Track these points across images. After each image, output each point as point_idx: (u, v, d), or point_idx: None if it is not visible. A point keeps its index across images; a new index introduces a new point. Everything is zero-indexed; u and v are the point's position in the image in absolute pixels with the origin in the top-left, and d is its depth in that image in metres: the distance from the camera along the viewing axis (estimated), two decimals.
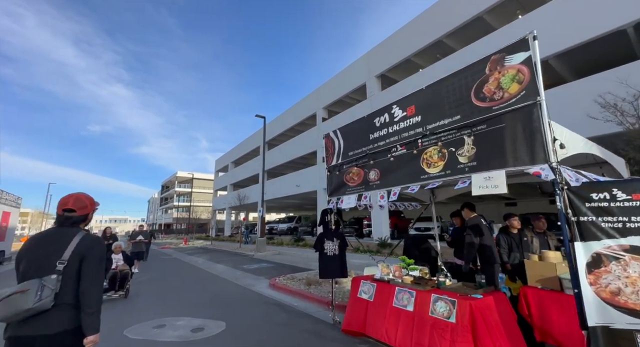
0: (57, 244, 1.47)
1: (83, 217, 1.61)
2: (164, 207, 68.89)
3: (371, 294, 3.35)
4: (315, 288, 5.81)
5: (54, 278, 1.39)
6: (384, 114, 3.39)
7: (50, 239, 1.50)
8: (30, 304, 1.30)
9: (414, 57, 13.83)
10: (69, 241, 1.47)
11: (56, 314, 1.39)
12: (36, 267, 1.42)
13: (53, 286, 1.37)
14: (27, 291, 1.32)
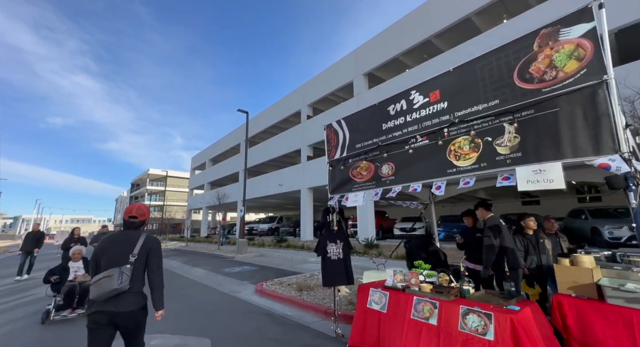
0: (128, 243, 2.00)
1: (142, 222, 2.16)
2: None
3: (384, 305, 2.96)
4: (308, 294, 5.35)
5: (128, 267, 1.91)
6: (400, 100, 3.01)
7: (122, 238, 2.04)
8: (115, 285, 1.80)
9: (402, 57, 13.77)
10: (137, 240, 2.02)
11: (130, 295, 1.91)
12: (115, 260, 1.92)
13: (128, 273, 1.90)
14: (112, 276, 1.82)
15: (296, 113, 20.56)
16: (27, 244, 7.81)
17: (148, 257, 2.04)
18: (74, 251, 4.62)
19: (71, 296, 4.22)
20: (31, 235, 8.00)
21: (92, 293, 1.84)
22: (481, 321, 2.20)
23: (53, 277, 4.20)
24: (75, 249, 4.65)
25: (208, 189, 32.61)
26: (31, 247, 7.80)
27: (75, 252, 4.59)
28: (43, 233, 7.98)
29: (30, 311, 4.73)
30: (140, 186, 62.82)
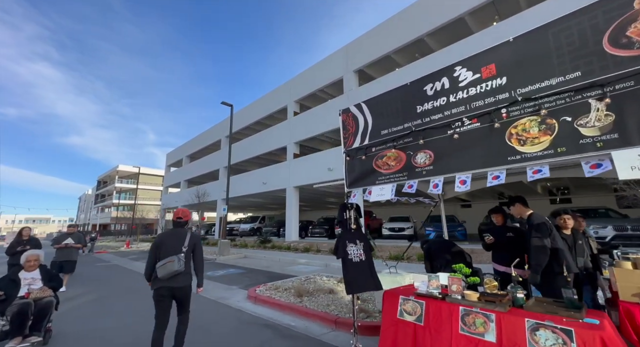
0: (180, 237, 2.84)
1: (186, 222, 3.06)
2: (100, 205, 60.37)
3: (419, 316, 2.52)
4: (309, 300, 4.83)
5: (182, 255, 2.71)
6: (441, 78, 2.60)
7: (175, 234, 2.89)
8: (176, 267, 2.60)
9: (394, 55, 13.61)
10: (185, 235, 2.86)
11: (184, 275, 2.72)
12: (173, 250, 2.72)
13: (183, 260, 2.69)
14: (173, 262, 2.61)
15: (282, 109, 19.85)
16: None
17: (194, 249, 2.89)
18: (27, 256, 3.45)
19: (22, 318, 2.99)
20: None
21: (159, 273, 2.62)
22: (558, 339, 1.82)
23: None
24: (29, 254, 3.48)
25: (185, 187, 30.89)
26: None
27: (29, 258, 3.43)
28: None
29: None
30: (107, 183, 58.61)
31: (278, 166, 19.16)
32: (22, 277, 3.33)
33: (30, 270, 3.43)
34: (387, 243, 12.70)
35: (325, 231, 17.50)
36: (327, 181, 15.07)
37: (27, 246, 5.25)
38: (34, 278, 3.39)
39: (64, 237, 6.04)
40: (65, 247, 5.79)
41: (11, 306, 3.05)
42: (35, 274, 3.43)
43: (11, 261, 5.34)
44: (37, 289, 3.28)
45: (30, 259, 3.45)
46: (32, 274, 3.42)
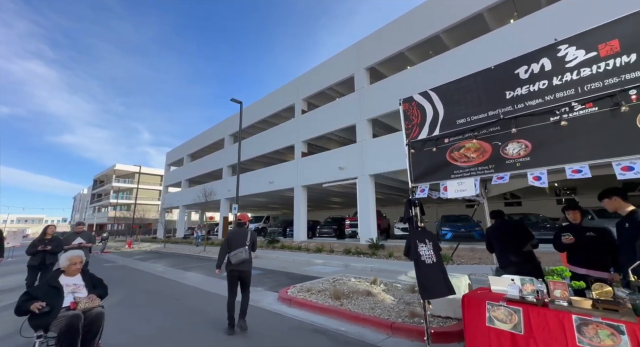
0: (243, 234, 3.92)
1: (245, 222, 4.12)
2: (96, 204, 59.40)
3: (517, 324, 2.27)
4: (350, 303, 4.56)
5: (246, 248, 3.81)
6: (539, 59, 2.35)
7: (240, 231, 3.96)
8: (244, 256, 3.75)
9: (408, 52, 13.41)
10: (247, 233, 3.95)
11: (248, 262, 3.86)
12: (240, 243, 3.79)
13: (247, 250, 3.82)
14: (242, 252, 3.73)
15: (289, 108, 19.56)
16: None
17: (253, 243, 4.00)
18: (71, 258, 2.78)
19: (73, 335, 2.34)
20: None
21: (232, 260, 3.75)
22: None
23: (37, 305, 2.38)
24: (73, 255, 2.82)
25: (186, 187, 30.42)
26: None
27: (74, 259, 2.78)
28: (1, 232, 5.47)
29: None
30: (104, 183, 57.70)
31: (285, 165, 18.85)
32: (64, 284, 2.67)
33: (73, 274, 2.80)
34: (400, 243, 12.47)
35: (334, 230, 17.24)
36: (338, 180, 14.87)
37: (49, 245, 4.90)
38: (77, 284, 2.75)
39: (73, 236, 5.55)
40: (79, 246, 5.37)
41: (57, 319, 2.41)
42: (77, 280, 2.80)
43: (31, 261, 4.96)
44: (85, 298, 2.64)
45: (75, 261, 2.79)
46: (75, 279, 2.79)
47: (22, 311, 2.40)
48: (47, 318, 2.40)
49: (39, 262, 4.94)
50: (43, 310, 2.38)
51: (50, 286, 2.62)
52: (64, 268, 2.78)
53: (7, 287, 6.93)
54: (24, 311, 2.39)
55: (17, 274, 8.72)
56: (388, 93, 13.38)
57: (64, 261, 2.79)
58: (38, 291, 2.57)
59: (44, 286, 2.65)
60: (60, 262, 2.81)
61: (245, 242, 3.84)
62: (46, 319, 2.41)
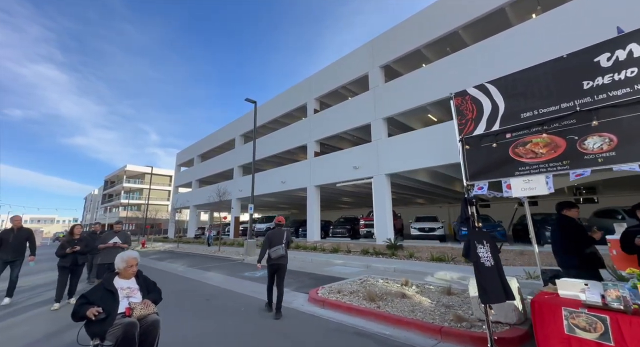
0: (280, 234, 4.68)
1: (282, 224, 4.92)
2: (107, 204, 60.40)
3: (603, 333, 2.11)
4: (386, 305, 4.43)
5: (283, 245, 4.61)
6: (626, 45, 2.18)
7: (278, 231, 4.72)
8: (282, 252, 4.54)
9: (424, 49, 13.19)
10: (283, 233, 4.71)
11: (285, 257, 4.60)
12: (278, 241, 4.57)
13: (284, 247, 4.62)
14: (280, 248, 4.54)
15: (301, 107, 19.49)
16: (6, 249, 5.08)
17: (288, 242, 4.73)
18: (128, 259, 2.55)
19: (129, 345, 2.18)
20: (12, 235, 5.18)
21: (272, 255, 4.46)
22: None
23: (93, 310, 2.18)
24: (130, 256, 2.59)
25: (196, 187, 30.60)
26: (14, 254, 5.12)
27: (130, 261, 2.56)
28: (31, 231, 5.42)
29: None
30: (115, 183, 58.61)
31: (298, 165, 18.76)
32: (119, 287, 2.45)
33: (129, 277, 2.56)
34: (417, 243, 12.26)
35: (347, 231, 17.09)
36: (353, 179, 14.72)
37: (78, 246, 4.87)
38: (131, 288, 2.50)
39: (110, 235, 5.52)
40: (114, 246, 5.32)
41: (113, 327, 2.21)
42: (132, 283, 2.55)
43: (62, 262, 4.91)
44: (139, 304, 2.39)
45: (131, 263, 2.55)
46: (129, 282, 2.55)
47: (79, 316, 2.22)
48: (103, 325, 2.21)
49: (70, 263, 4.91)
50: (99, 316, 2.19)
51: (107, 291, 2.39)
52: (120, 270, 2.55)
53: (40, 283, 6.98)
54: (81, 317, 2.21)
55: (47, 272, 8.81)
56: (404, 91, 13.19)
57: (120, 263, 2.55)
58: (94, 295, 2.35)
59: (99, 289, 2.42)
60: (116, 263, 2.57)
61: (282, 240, 4.64)
62: (102, 326, 2.20)
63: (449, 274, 6.99)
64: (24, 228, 5.38)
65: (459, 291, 5.12)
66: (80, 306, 2.24)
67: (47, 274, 8.68)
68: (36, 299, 5.50)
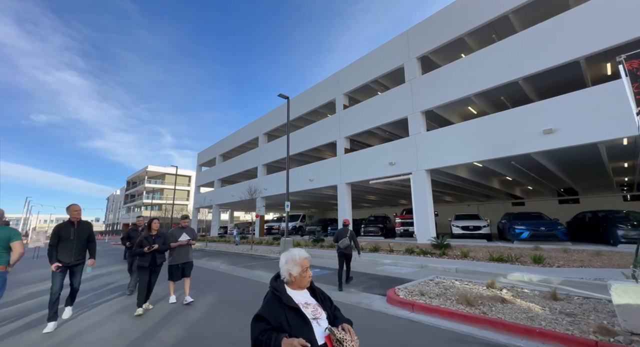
0: (345, 231, 6.42)
1: (348, 224, 6.83)
2: (130, 204, 62.10)
3: None
4: (489, 310, 3.91)
5: (348, 237, 6.30)
6: None
7: (344, 230, 6.47)
8: (348, 243, 6.24)
9: (467, 37, 12.48)
10: (348, 230, 6.44)
11: (350, 247, 6.31)
12: (343, 236, 6.35)
13: (349, 239, 6.28)
14: (346, 240, 6.25)
15: (328, 104, 19.06)
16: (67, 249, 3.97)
17: (353, 236, 6.36)
18: (303, 262, 1.65)
19: None
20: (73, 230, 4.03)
21: (341, 245, 6.23)
22: None
23: (295, 342, 1.34)
24: (302, 257, 1.66)
25: (218, 186, 30.75)
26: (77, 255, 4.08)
27: (305, 264, 1.66)
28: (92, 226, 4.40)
29: None
30: (137, 184, 60.14)
31: (327, 162, 18.35)
32: (299, 303, 1.54)
33: (303, 287, 1.66)
34: (466, 243, 11.56)
35: (380, 229, 16.53)
36: (388, 176, 14.13)
37: (156, 243, 4.47)
38: (310, 304, 1.59)
39: (178, 232, 4.95)
40: (187, 244, 4.93)
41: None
42: (307, 296, 1.64)
43: (141, 262, 4.44)
44: (345, 334, 1.47)
45: (306, 265, 1.66)
46: (304, 295, 1.63)
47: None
48: None
49: (149, 262, 4.46)
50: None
51: (288, 308, 1.49)
52: (294, 277, 1.61)
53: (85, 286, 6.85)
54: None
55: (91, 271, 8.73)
56: (445, 82, 12.52)
57: (292, 266, 1.62)
58: (275, 316, 1.46)
59: (277, 307, 1.51)
60: (286, 267, 1.63)
61: (347, 235, 6.34)
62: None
63: (525, 275, 6.36)
64: (85, 221, 4.21)
65: (563, 295, 4.53)
66: (265, 335, 1.40)
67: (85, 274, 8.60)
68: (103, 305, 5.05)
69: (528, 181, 16.88)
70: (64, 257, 3.94)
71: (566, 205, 20.72)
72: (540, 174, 14.34)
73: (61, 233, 3.99)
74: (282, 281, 1.65)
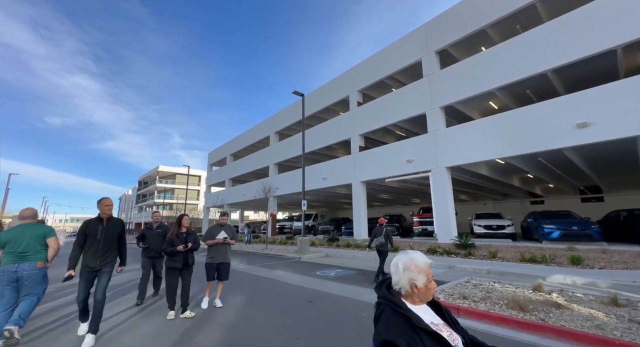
0: (381, 230, 6.80)
1: (383, 224, 6.99)
2: (141, 204, 63.09)
3: None
4: (546, 316, 3.58)
5: (382, 237, 6.73)
6: None
7: (379, 228, 6.84)
8: (382, 240, 6.70)
9: (490, 28, 11.99)
10: (383, 229, 6.81)
11: (385, 245, 6.71)
12: (379, 234, 6.78)
13: (383, 238, 6.72)
14: (381, 238, 6.73)
15: (340, 101, 18.77)
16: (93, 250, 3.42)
17: (388, 235, 6.76)
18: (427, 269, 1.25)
19: None
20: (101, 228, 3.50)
21: (376, 243, 6.78)
22: None
23: None
24: (425, 262, 1.26)
25: (229, 186, 30.80)
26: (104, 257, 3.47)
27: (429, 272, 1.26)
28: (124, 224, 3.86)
29: None
30: (148, 184, 61.04)
31: (340, 160, 18.07)
32: (429, 323, 1.17)
33: (424, 301, 1.27)
34: (493, 243, 11.12)
35: (396, 228, 16.16)
36: (406, 173, 13.73)
37: (187, 241, 4.14)
38: (436, 324, 1.19)
39: (217, 229, 4.56)
40: (224, 242, 4.55)
41: None
42: (432, 315, 1.25)
43: (171, 262, 4.04)
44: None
45: (431, 274, 1.26)
46: (428, 312, 1.25)
47: None
48: None
49: (182, 262, 4.11)
50: None
51: (426, 333, 1.10)
52: (417, 289, 1.21)
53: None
54: None
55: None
56: (467, 76, 12.07)
57: (417, 274, 1.22)
58: (409, 343, 1.04)
59: (408, 330, 1.08)
60: (405, 275, 1.22)
61: (382, 234, 6.70)
62: None
63: (567, 278, 5.94)
64: (116, 219, 3.68)
65: (623, 301, 4.14)
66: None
67: None
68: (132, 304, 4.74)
69: (551, 179, 16.24)
70: (89, 260, 3.36)
71: (589, 204, 19.89)
72: (566, 170, 13.73)
73: (88, 231, 3.43)
74: (399, 293, 1.24)
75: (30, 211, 3.45)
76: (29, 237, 3.19)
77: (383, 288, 1.28)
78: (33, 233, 3.23)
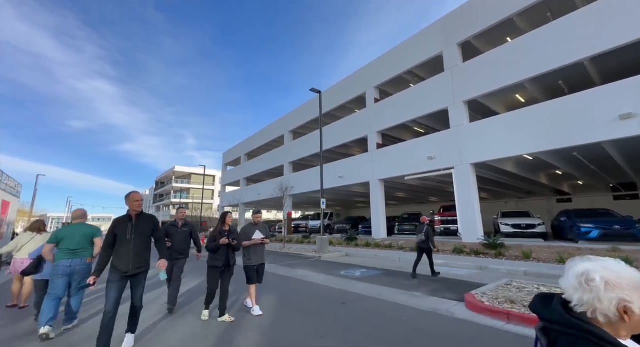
0: (422, 228, 6.90)
1: (425, 223, 7.09)
2: (159, 203, 64.73)
3: None
4: None
5: (423, 235, 6.78)
6: None
7: (421, 227, 6.96)
8: (423, 238, 6.83)
9: (517, 17, 11.38)
10: (424, 227, 6.86)
11: (425, 242, 6.82)
12: (420, 232, 6.89)
13: (423, 235, 6.81)
14: (421, 236, 6.83)
15: (356, 98, 18.44)
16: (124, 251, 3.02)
17: (428, 233, 6.75)
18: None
19: None
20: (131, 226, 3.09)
21: (417, 240, 6.95)
22: None
23: None
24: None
25: (244, 185, 31.03)
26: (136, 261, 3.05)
27: None
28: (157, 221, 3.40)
29: None
30: (165, 184, 62.56)
31: (357, 158, 17.77)
32: None
33: None
34: (524, 243, 10.55)
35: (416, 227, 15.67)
36: (427, 171, 13.24)
37: (231, 238, 3.93)
38: None
39: (251, 228, 4.28)
40: (262, 243, 4.29)
41: None
42: None
43: (213, 261, 3.88)
44: None
45: None
46: None
47: None
48: None
49: (222, 262, 3.93)
50: None
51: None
52: (628, 317, 0.75)
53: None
54: None
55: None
56: (493, 68, 11.51)
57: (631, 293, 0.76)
58: None
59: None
60: (608, 295, 0.75)
61: (422, 232, 6.79)
62: None
63: None
64: (146, 215, 3.25)
65: None
66: None
67: None
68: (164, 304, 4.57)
69: (582, 175, 15.34)
70: (120, 264, 2.93)
71: (623, 201, 18.70)
72: (601, 166, 12.91)
73: (117, 230, 3.00)
74: (592, 318, 0.77)
75: (81, 212, 3.88)
76: (80, 236, 3.60)
77: (558, 308, 0.81)
78: (84, 232, 3.66)
